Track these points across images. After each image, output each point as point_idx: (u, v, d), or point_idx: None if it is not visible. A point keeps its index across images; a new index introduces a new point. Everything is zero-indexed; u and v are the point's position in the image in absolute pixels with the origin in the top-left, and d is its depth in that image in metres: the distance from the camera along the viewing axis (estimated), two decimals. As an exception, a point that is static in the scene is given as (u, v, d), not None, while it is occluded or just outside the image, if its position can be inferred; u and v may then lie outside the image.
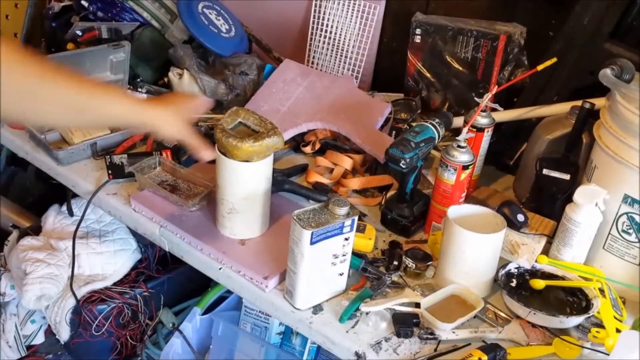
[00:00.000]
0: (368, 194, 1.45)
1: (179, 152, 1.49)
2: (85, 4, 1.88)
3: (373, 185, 1.45)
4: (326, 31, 1.87)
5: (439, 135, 1.27)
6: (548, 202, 1.29)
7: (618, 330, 1.02)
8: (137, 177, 1.39)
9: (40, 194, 2.11)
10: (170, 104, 1.08)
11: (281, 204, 1.33)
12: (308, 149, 1.58)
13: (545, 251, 1.22)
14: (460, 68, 1.69)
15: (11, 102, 0.90)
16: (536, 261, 1.19)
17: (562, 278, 1.16)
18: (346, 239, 1.07)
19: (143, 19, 1.88)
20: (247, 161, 1.14)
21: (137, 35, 1.84)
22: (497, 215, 1.16)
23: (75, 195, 1.69)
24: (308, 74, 1.72)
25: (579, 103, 1.31)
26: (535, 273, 1.19)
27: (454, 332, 1.06)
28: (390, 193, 1.39)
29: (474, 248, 1.11)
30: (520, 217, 1.23)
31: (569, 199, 1.16)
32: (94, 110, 0.99)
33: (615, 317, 1.06)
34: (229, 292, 1.68)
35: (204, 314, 1.72)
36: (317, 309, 1.11)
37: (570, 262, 1.18)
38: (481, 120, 1.35)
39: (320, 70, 1.87)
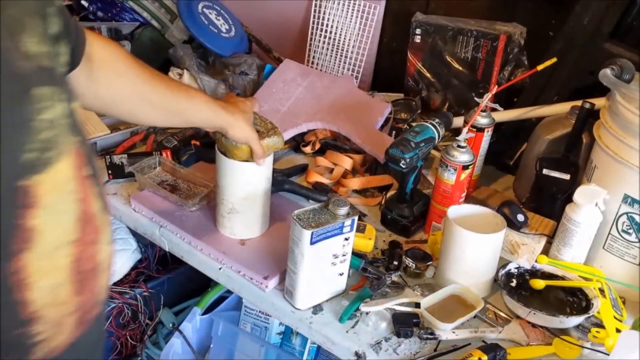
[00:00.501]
0: (368, 194, 1.45)
1: (179, 152, 1.49)
2: (85, 4, 1.88)
3: (373, 185, 1.45)
4: (326, 31, 1.87)
5: (439, 135, 1.27)
6: (548, 202, 1.29)
7: (618, 330, 1.02)
8: (137, 177, 1.39)
9: (40, 194, 2.11)
10: (240, 109, 1.13)
11: (281, 204, 1.33)
12: (308, 149, 1.58)
13: (545, 251, 1.21)
14: (460, 68, 1.69)
15: (127, 105, 0.98)
16: (536, 261, 1.19)
17: (562, 278, 1.16)
18: (346, 239, 1.07)
19: (143, 19, 1.88)
20: (247, 161, 1.14)
21: (137, 35, 1.84)
22: (497, 215, 1.16)
23: (75, 195, 1.69)
24: (308, 74, 1.72)
25: (579, 103, 1.31)
26: (535, 273, 1.18)
27: (454, 332, 1.06)
28: (390, 193, 1.39)
29: (474, 248, 1.11)
30: (520, 217, 1.23)
31: (569, 199, 1.16)
32: (183, 113, 1.06)
33: (615, 317, 1.06)
34: (229, 292, 1.68)
35: (204, 314, 1.71)
36: (317, 309, 1.11)
37: (570, 262, 1.18)
38: (481, 120, 1.35)
39: (320, 70, 1.87)
